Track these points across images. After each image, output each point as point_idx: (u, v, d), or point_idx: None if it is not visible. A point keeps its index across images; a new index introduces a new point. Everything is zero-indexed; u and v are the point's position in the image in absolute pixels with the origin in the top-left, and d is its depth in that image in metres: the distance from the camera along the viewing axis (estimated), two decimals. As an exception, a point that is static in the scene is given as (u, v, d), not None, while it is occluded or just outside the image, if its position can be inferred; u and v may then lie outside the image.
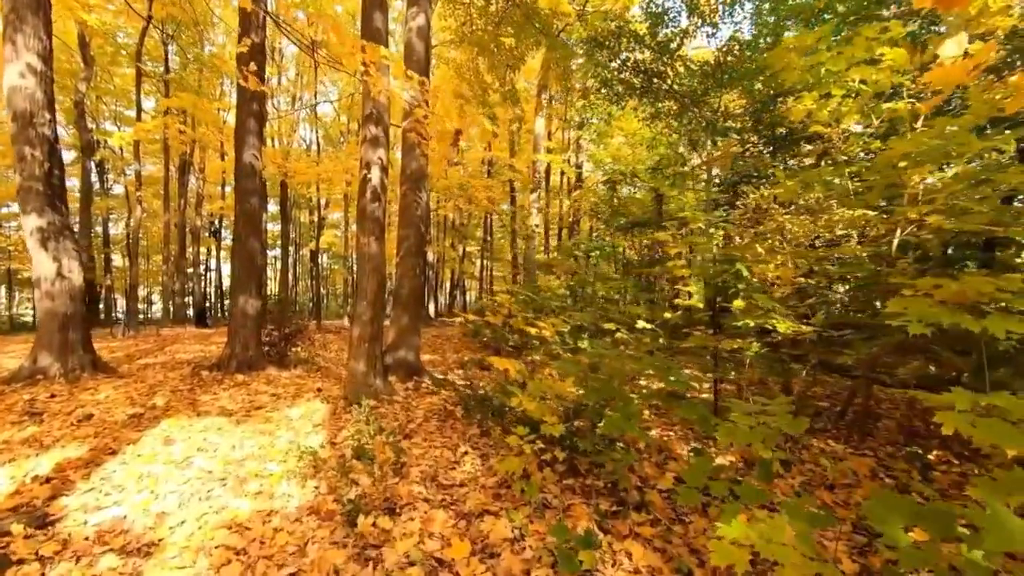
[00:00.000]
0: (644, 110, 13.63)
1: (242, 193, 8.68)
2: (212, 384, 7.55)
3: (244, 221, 8.65)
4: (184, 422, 5.43)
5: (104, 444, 4.66)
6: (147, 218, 30.94)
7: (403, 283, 7.81)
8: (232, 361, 8.39)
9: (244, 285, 8.58)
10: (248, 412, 5.90)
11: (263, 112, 9.03)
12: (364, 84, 6.14)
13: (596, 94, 13.15)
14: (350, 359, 6.37)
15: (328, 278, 41.76)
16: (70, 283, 7.69)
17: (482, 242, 29.03)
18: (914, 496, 3.79)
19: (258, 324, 8.82)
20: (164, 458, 4.35)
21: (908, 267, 4.59)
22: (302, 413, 5.81)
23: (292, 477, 3.91)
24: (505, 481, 3.69)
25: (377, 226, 6.38)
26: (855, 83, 4.47)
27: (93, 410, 5.87)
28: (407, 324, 7.69)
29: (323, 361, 10.26)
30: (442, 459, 4.27)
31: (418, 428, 5.17)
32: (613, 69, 12.23)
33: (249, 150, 8.66)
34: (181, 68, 25.44)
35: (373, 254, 6.34)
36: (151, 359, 10.44)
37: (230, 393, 6.90)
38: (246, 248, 8.61)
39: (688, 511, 3.34)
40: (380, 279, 6.40)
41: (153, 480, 3.88)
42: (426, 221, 8.14)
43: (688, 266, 5.96)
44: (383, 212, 6.49)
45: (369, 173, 6.32)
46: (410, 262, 7.77)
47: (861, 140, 4.56)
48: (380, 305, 6.42)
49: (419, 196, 7.86)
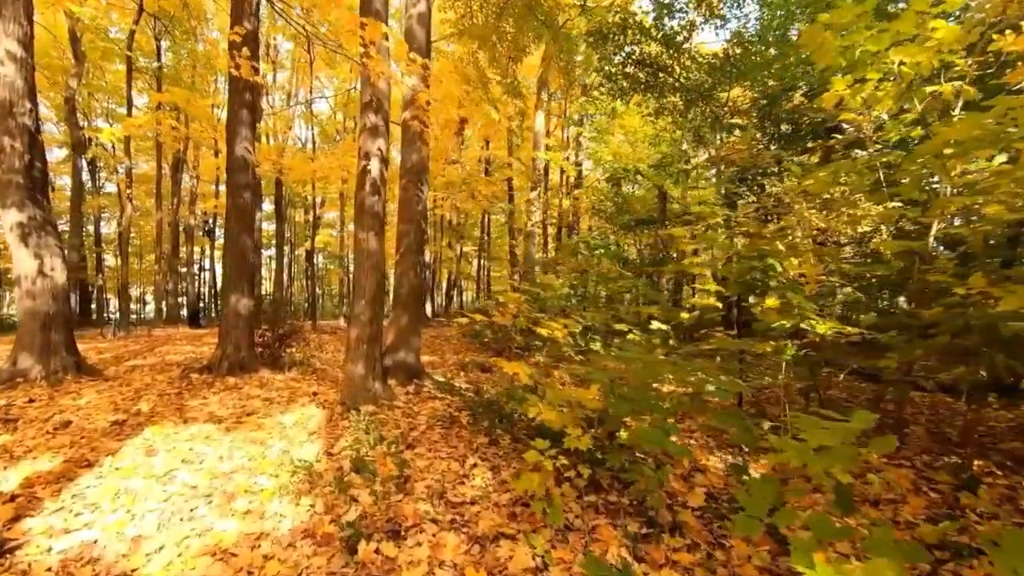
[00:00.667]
0: (648, 105, 13.31)
1: (234, 188, 8.30)
2: (201, 388, 7.17)
3: (236, 217, 8.27)
4: (169, 430, 5.06)
5: (80, 455, 4.28)
6: (140, 217, 30.48)
7: (403, 281, 7.45)
8: (223, 363, 8.01)
9: (236, 284, 8.20)
10: (239, 419, 5.53)
11: (256, 103, 8.66)
12: (363, 69, 5.78)
13: (599, 89, 12.81)
14: (347, 362, 6.01)
15: (324, 278, 41.33)
16: (52, 281, 7.30)
17: (479, 241, 28.66)
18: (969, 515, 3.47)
19: (250, 324, 8.44)
20: (145, 471, 3.98)
21: (948, 264, 4.26)
22: (296, 420, 5.44)
23: (285, 493, 3.55)
24: (520, 498, 3.34)
25: (376, 221, 6.01)
26: (894, 65, 4.15)
27: (72, 416, 5.49)
28: (407, 324, 7.33)
29: (319, 363, 9.89)
30: (449, 472, 3.91)
31: (421, 437, 4.82)
32: (617, 63, 11.90)
33: (241, 143, 8.28)
34: (175, 63, 25.03)
35: (372, 250, 5.98)
36: (140, 361, 10.05)
37: (220, 398, 6.53)
38: (238, 245, 8.24)
39: (727, 533, 3.00)
40: (379, 277, 6.04)
41: (131, 497, 3.52)
42: (426, 217, 7.79)
43: (706, 263, 5.62)
44: (383, 206, 6.13)
45: (368, 164, 5.96)
46: (410, 259, 7.42)
47: (899, 127, 4.23)
48: (379, 305, 6.07)
49: (420, 190, 7.50)
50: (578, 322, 5.80)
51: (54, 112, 26.41)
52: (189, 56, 24.45)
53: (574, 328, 5.40)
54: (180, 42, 22.94)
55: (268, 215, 30.70)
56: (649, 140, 15.81)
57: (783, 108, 9.20)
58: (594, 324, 5.86)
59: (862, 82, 4.28)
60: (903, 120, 4.20)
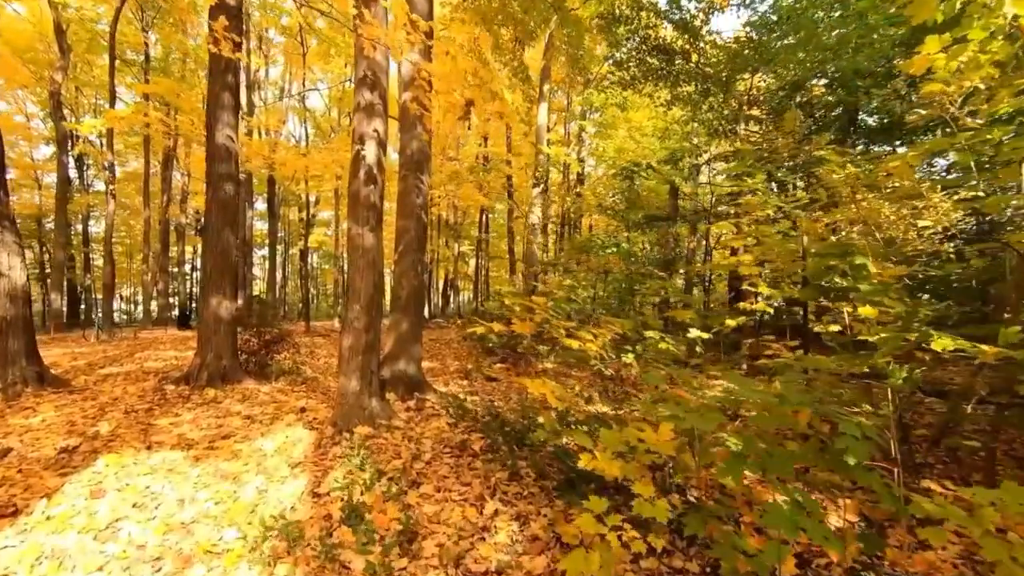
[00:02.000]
0: (661, 96, 12.56)
1: (215, 179, 7.49)
2: (176, 402, 6.37)
3: (217, 210, 7.46)
4: (128, 459, 4.26)
5: (8, 497, 3.48)
6: (130, 215, 29.62)
7: (402, 283, 6.65)
8: (202, 373, 7.21)
9: (217, 284, 7.40)
10: (212, 443, 4.74)
11: (239, 85, 7.86)
12: (357, 38, 5.00)
13: (608, 78, 12.02)
14: (340, 374, 5.21)
15: (318, 278, 40.50)
16: (10, 282, 6.50)
17: (477, 241, 27.84)
18: None
19: (233, 330, 7.64)
20: (84, 521, 3.19)
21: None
22: (279, 446, 4.65)
23: (256, 557, 2.77)
24: (557, 570, 2.56)
25: (373, 214, 5.22)
26: (1005, 20, 3.39)
27: (17, 441, 4.69)
28: (407, 331, 6.54)
29: (310, 370, 9.10)
30: (465, 523, 3.13)
31: (427, 469, 4.03)
32: (629, 49, 11.15)
33: (223, 129, 7.48)
34: (164, 57, 24.18)
35: (368, 247, 5.19)
36: (115, 368, 9.22)
37: (195, 415, 5.73)
38: (220, 241, 7.43)
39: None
40: (376, 278, 5.25)
41: (55, 564, 2.73)
42: (427, 212, 7.00)
43: (750, 262, 4.86)
44: (380, 197, 5.33)
45: (363, 149, 5.16)
46: (410, 258, 6.63)
47: (1011, 96, 3.48)
48: (377, 309, 5.28)
49: (420, 181, 6.71)
50: (618, 332, 5.01)
51: (39, 107, 25.58)
52: (178, 49, 23.64)
53: (604, 337, 4.63)
54: (169, 34, 22.12)
55: (261, 214, 29.93)
56: (658, 134, 15.04)
57: (816, 96, 8.46)
58: (625, 332, 5.09)
59: (962, 42, 3.53)
60: (1016, 86, 3.45)
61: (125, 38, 22.03)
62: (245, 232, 19.27)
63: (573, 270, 11.21)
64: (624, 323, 4.89)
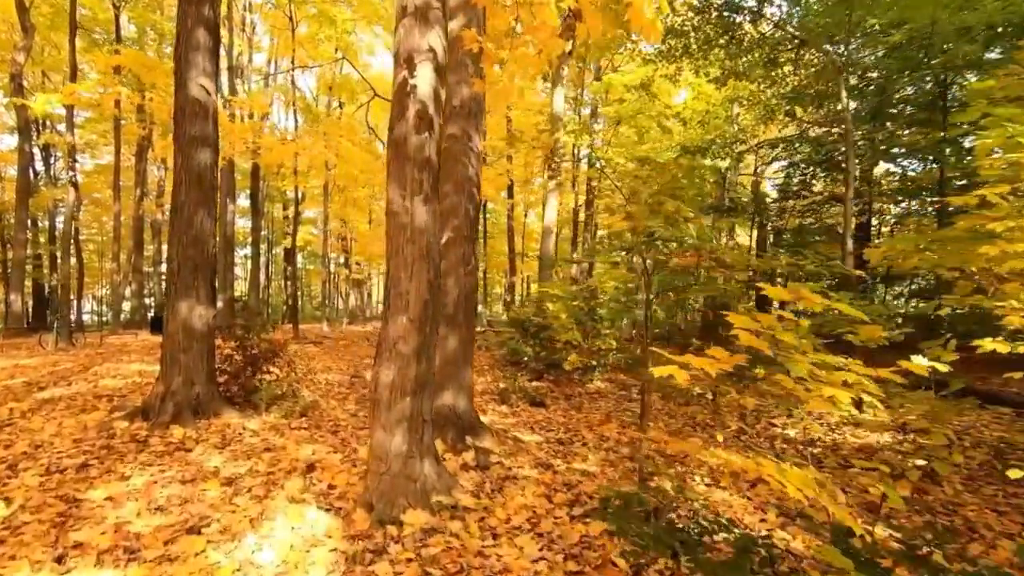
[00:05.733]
0: (713, 70, 10.86)
1: (186, 142, 5.55)
2: (126, 452, 4.45)
3: (189, 185, 5.52)
4: (13, 593, 2.38)
5: None
6: (101, 211, 27.25)
7: (447, 283, 4.77)
8: (167, 405, 5.27)
9: (188, 284, 5.48)
10: (168, 546, 2.85)
11: (218, 21, 5.94)
12: None
13: (663, 43, 10.26)
14: (375, 425, 3.32)
15: (302, 279, 38.27)
16: None
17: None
18: None
19: (210, 345, 5.72)
20: None
21: None
22: (284, 555, 2.77)
23: None
24: None
25: (428, 175, 3.34)
26: None
27: None
28: (455, 350, 4.67)
29: (308, 392, 7.19)
30: None
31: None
32: (694, 6, 9.43)
33: (197, 77, 5.57)
34: (138, 37, 22.04)
35: (420, 227, 3.30)
36: (60, 389, 7.22)
37: (148, 480, 3.82)
38: (192, 226, 5.49)
39: None
40: (433, 275, 3.37)
41: None
42: (479, 186, 5.12)
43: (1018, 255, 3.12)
44: (435, 150, 3.46)
45: (412, 75, 3.31)
46: (459, 250, 4.76)
47: None
48: (432, 324, 3.39)
49: (471, 143, 4.87)
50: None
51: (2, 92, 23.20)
52: (153, 29, 21.55)
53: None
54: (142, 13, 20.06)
55: (244, 210, 27.83)
56: (697, 118, 13.29)
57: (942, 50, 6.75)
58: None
59: None
60: None
61: (94, 15, 19.92)
62: (226, 227, 17.24)
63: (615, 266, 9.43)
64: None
